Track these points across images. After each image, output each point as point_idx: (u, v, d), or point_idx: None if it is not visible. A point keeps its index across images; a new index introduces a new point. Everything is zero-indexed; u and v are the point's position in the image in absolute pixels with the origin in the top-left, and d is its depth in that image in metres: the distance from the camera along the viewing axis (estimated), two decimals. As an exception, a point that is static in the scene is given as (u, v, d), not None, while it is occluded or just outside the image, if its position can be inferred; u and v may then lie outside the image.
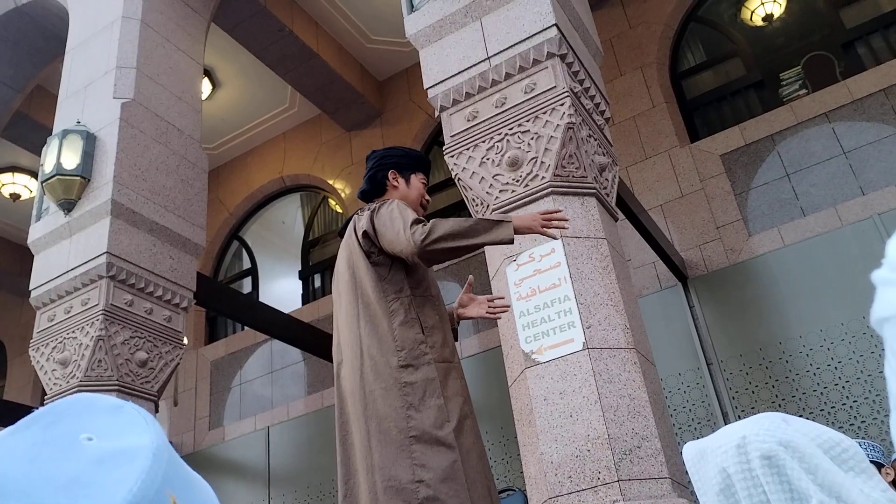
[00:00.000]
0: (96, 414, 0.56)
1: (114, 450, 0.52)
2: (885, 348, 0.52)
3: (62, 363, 4.56)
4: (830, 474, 0.86)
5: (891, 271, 0.52)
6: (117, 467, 0.51)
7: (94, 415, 0.55)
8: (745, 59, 6.82)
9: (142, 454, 0.53)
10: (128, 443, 0.54)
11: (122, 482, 0.50)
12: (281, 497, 7.31)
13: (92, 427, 0.54)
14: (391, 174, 2.77)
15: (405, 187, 2.77)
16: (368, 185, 2.79)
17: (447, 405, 2.31)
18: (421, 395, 2.29)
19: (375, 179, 2.78)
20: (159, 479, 0.52)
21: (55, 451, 0.51)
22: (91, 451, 0.52)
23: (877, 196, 5.57)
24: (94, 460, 0.51)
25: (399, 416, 2.25)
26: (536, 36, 3.57)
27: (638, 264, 6.21)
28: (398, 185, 2.77)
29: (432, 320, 2.50)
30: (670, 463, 2.90)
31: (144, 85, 5.22)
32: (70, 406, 0.55)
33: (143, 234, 4.87)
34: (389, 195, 2.75)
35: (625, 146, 6.67)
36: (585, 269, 3.20)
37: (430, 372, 2.34)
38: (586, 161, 3.43)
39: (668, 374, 5.62)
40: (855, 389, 5.11)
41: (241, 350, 8.40)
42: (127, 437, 0.54)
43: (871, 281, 0.53)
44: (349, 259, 2.58)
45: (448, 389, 2.36)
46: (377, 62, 8.46)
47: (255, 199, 9.26)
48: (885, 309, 0.51)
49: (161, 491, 0.52)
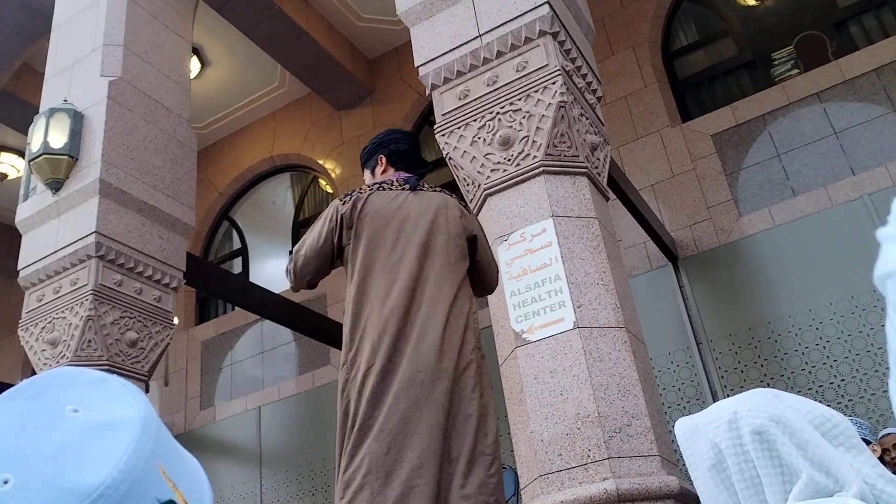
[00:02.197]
0: (80, 386, 0.55)
1: (100, 421, 0.52)
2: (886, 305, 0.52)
3: (52, 343, 4.54)
4: (821, 449, 0.86)
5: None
6: (104, 437, 0.51)
7: (79, 387, 0.55)
8: (738, 39, 6.80)
9: (129, 425, 0.53)
10: (114, 414, 0.53)
11: (110, 452, 0.50)
12: (272, 476, 7.34)
13: (76, 399, 0.54)
14: None
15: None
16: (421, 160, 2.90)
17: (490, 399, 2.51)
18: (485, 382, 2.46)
19: None
20: (148, 450, 0.52)
21: (41, 422, 0.51)
22: (77, 423, 0.51)
23: (867, 176, 5.58)
24: (80, 431, 0.51)
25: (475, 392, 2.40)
26: (528, 14, 3.54)
27: (629, 244, 6.22)
28: None
29: None
30: (660, 441, 2.92)
31: (132, 63, 5.16)
32: (54, 378, 0.54)
33: (131, 214, 4.84)
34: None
35: (616, 126, 6.66)
36: (576, 249, 3.20)
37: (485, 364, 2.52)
38: (578, 140, 3.42)
39: (658, 353, 5.65)
40: (843, 368, 5.15)
41: (232, 330, 8.39)
42: (113, 409, 0.54)
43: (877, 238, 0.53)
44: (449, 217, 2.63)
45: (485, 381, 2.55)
46: (367, 40, 8.39)
47: (244, 178, 9.22)
48: (888, 265, 0.51)
49: (150, 461, 0.52)
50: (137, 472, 0.51)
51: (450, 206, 2.66)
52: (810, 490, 0.84)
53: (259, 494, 7.33)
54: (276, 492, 7.26)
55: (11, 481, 0.47)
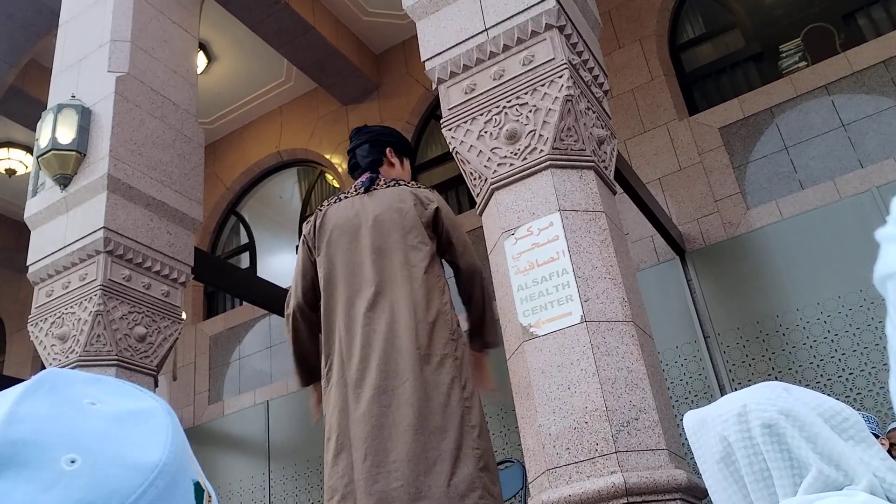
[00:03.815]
0: (81, 384, 0.57)
1: (125, 410, 0.54)
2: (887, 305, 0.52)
3: (61, 338, 4.57)
4: (830, 443, 0.86)
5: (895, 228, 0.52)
6: (138, 424, 0.53)
7: (80, 385, 0.57)
8: (745, 31, 6.77)
9: (157, 413, 0.55)
10: (132, 406, 0.55)
11: (154, 434, 0.52)
12: (281, 470, 7.37)
13: (87, 394, 0.55)
14: (389, 151, 2.77)
15: (400, 168, 2.80)
16: (375, 155, 2.78)
17: (473, 388, 2.45)
18: (465, 369, 2.41)
19: (375, 152, 2.77)
20: (182, 436, 0.55)
21: (73, 411, 0.52)
22: (103, 412, 0.53)
23: (875, 169, 5.55)
24: (110, 419, 0.53)
25: (455, 386, 2.35)
26: (535, 7, 3.53)
27: (636, 238, 6.21)
28: (394, 162, 2.77)
29: None
30: (668, 435, 2.92)
31: (139, 58, 5.18)
32: (55, 376, 0.56)
33: (139, 209, 4.85)
34: (386, 172, 2.75)
35: (623, 119, 6.64)
36: (583, 243, 3.20)
37: (465, 351, 2.46)
38: (585, 134, 3.41)
39: (666, 347, 5.65)
40: (851, 362, 5.14)
41: (240, 325, 8.42)
42: (125, 402, 0.55)
43: (876, 239, 0.53)
44: (402, 210, 2.57)
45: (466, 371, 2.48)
46: (374, 35, 8.38)
47: (251, 173, 9.23)
48: (887, 266, 0.51)
49: (186, 445, 0.55)
50: (181, 453, 0.54)
51: (404, 199, 2.61)
52: (820, 483, 0.84)
53: (268, 488, 7.36)
54: (285, 485, 7.29)
55: (79, 461, 0.49)
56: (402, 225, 2.55)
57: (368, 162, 2.79)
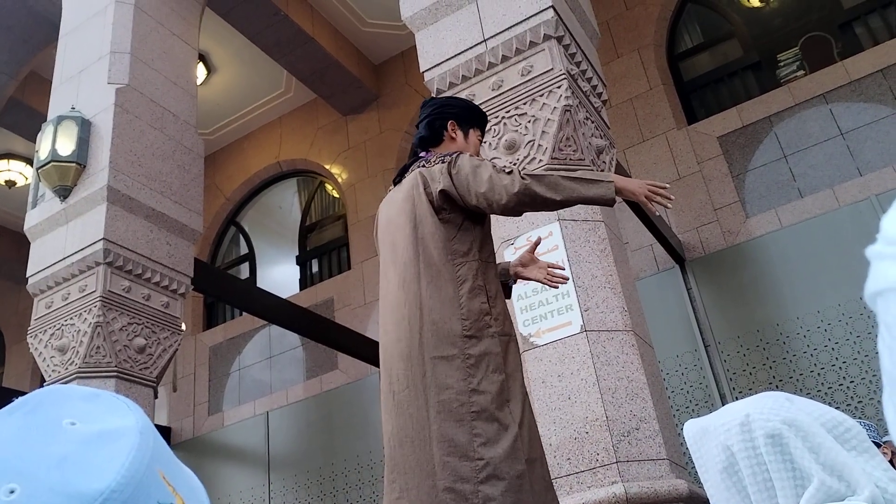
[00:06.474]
0: (74, 401, 0.56)
1: (99, 431, 0.53)
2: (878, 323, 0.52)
3: (60, 350, 4.56)
4: (833, 453, 0.86)
5: (885, 245, 0.52)
6: (105, 446, 0.52)
7: (73, 402, 0.56)
8: (743, 40, 6.79)
9: (128, 433, 0.54)
10: (111, 424, 0.55)
11: (113, 458, 0.51)
12: (281, 481, 7.34)
13: (72, 413, 0.55)
14: (450, 125, 2.57)
15: (462, 141, 2.57)
16: (428, 131, 2.58)
17: (508, 382, 2.17)
18: (484, 369, 2.15)
19: (434, 127, 2.62)
20: (148, 456, 0.53)
21: (41, 435, 0.52)
22: (76, 434, 0.53)
23: (874, 177, 5.56)
24: (80, 441, 0.52)
25: (461, 388, 2.12)
26: (533, 18, 3.55)
27: (635, 247, 6.21)
28: (456, 136, 2.55)
29: (495, 288, 2.33)
30: (668, 444, 2.92)
31: (139, 70, 5.19)
32: (47, 395, 0.56)
33: (139, 221, 4.86)
34: (445, 147, 2.55)
35: (622, 128, 6.66)
36: (583, 252, 3.20)
37: (494, 345, 2.19)
38: (583, 144, 3.42)
39: (666, 356, 5.64)
40: (852, 370, 5.13)
41: (240, 335, 8.41)
42: (109, 420, 0.55)
43: (866, 256, 0.53)
44: (413, 213, 2.37)
45: (509, 365, 2.21)
46: (373, 46, 8.41)
47: (251, 184, 9.24)
48: (878, 283, 0.51)
49: (151, 467, 0.53)
50: (140, 477, 0.52)
51: (417, 185, 2.41)
52: (822, 494, 0.84)
53: (268, 499, 7.33)
54: (285, 496, 7.26)
55: (18, 490, 0.48)
56: (414, 216, 2.37)
57: (418, 139, 2.61)
